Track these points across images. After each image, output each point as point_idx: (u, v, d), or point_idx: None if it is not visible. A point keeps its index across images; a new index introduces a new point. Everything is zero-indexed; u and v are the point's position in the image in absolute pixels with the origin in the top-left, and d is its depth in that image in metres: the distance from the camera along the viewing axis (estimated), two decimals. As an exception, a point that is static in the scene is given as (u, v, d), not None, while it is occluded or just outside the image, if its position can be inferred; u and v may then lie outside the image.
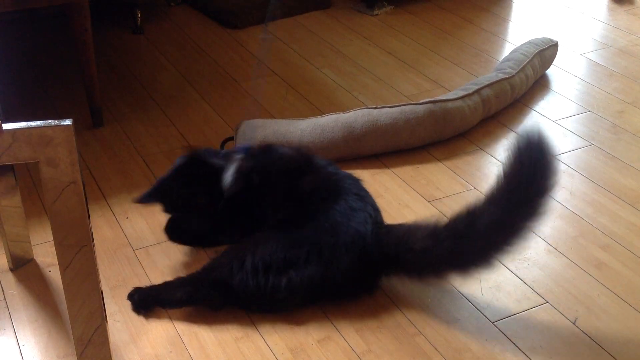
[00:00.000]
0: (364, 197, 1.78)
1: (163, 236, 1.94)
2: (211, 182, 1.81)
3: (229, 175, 1.80)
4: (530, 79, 2.63)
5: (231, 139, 2.27)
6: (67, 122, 1.18)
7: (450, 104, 2.33)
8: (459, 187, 2.16)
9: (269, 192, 1.78)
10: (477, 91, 2.41)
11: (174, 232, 1.88)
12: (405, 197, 2.11)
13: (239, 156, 1.84)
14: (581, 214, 2.05)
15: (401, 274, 1.72)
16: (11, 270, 1.83)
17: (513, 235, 1.56)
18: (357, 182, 1.83)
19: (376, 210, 1.78)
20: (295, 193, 1.76)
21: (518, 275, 1.83)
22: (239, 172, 1.80)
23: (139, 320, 1.69)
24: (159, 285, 1.74)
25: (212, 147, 2.07)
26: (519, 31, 3.19)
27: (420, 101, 2.34)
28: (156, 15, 3.30)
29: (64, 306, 1.69)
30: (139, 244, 1.93)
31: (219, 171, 1.82)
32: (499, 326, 1.67)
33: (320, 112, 2.49)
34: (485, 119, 2.47)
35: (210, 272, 1.69)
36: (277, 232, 1.70)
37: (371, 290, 1.74)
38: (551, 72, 2.82)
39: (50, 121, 1.18)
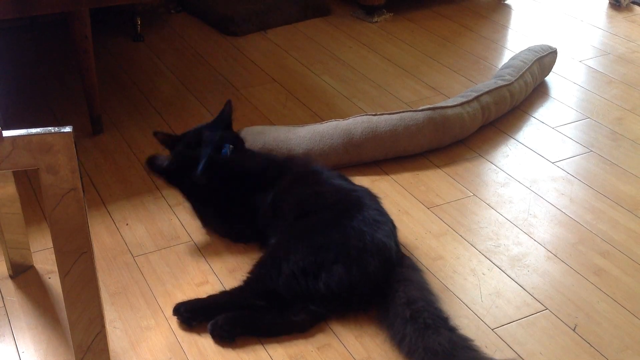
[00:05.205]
0: (384, 213, 1.84)
1: (162, 243, 1.95)
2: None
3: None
4: (529, 86, 2.63)
5: (231, 146, 2.27)
6: (67, 129, 1.18)
7: (449, 111, 2.33)
8: (459, 194, 2.16)
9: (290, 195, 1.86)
10: (477, 98, 2.42)
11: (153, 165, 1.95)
12: (404, 203, 2.11)
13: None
14: (580, 220, 2.05)
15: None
16: (11, 277, 1.83)
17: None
18: (375, 198, 1.88)
19: (394, 227, 1.84)
20: (319, 201, 1.82)
21: (518, 281, 1.83)
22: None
23: (138, 327, 1.69)
24: (206, 299, 1.72)
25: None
26: (518, 38, 3.20)
27: (420, 108, 2.34)
28: (156, 22, 3.30)
29: (63, 313, 1.69)
30: (138, 250, 1.93)
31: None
32: (498, 333, 1.67)
33: (320, 119, 2.49)
34: (484, 126, 2.47)
35: (254, 284, 1.71)
36: (302, 237, 1.73)
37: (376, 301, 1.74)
38: (550, 79, 2.83)
39: (50, 128, 1.18)
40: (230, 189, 1.90)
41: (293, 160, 2.04)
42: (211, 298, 1.71)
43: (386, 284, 1.69)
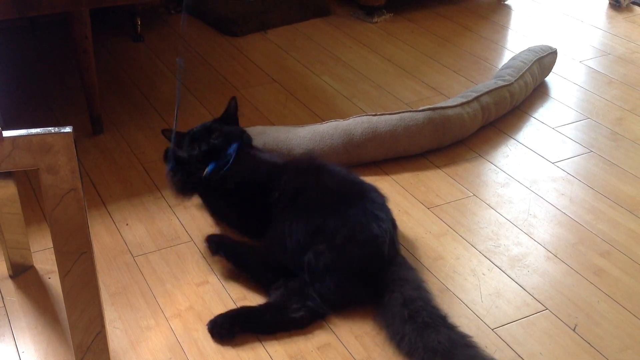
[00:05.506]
0: (387, 212, 1.84)
1: (162, 243, 1.95)
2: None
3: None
4: (529, 86, 2.63)
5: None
6: (67, 129, 1.18)
7: (449, 111, 2.33)
8: (459, 194, 2.16)
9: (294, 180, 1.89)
10: (477, 98, 2.42)
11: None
12: (404, 203, 2.11)
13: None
14: (581, 220, 2.05)
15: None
16: (11, 277, 1.83)
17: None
18: (382, 197, 1.89)
19: (395, 227, 1.85)
20: (322, 187, 1.84)
21: (518, 282, 1.83)
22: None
23: (138, 327, 1.69)
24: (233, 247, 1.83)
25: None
26: (518, 39, 3.20)
27: (420, 108, 2.34)
28: (156, 23, 3.30)
29: (63, 313, 1.69)
30: (138, 250, 1.93)
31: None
32: (498, 333, 1.67)
33: (320, 119, 2.50)
34: (484, 126, 2.47)
35: (264, 257, 1.78)
36: (300, 217, 1.77)
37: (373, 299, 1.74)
38: (550, 79, 2.83)
39: (50, 128, 1.18)
40: (236, 193, 1.93)
41: (294, 159, 2.06)
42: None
43: (380, 281, 1.69)
